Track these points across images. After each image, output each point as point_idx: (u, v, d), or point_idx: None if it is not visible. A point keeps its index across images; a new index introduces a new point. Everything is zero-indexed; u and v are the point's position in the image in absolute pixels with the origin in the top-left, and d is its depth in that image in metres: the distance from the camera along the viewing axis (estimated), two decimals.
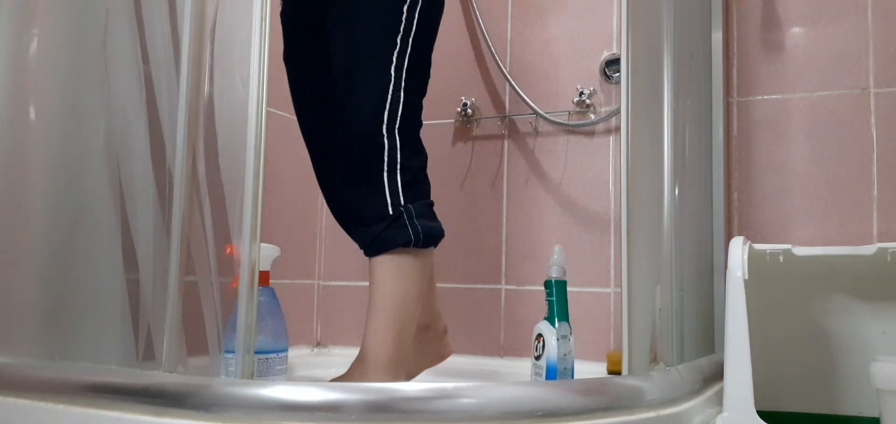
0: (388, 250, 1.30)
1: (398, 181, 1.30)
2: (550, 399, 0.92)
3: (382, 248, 1.30)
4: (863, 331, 1.43)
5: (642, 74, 1.16)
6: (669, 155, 1.27)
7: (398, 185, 1.30)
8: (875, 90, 1.66)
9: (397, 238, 1.29)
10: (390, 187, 1.30)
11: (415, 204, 1.31)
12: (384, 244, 1.30)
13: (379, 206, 1.29)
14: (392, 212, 1.29)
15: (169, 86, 1.10)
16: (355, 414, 0.86)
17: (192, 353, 1.07)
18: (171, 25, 1.12)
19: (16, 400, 0.98)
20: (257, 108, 0.99)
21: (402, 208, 1.29)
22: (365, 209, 1.32)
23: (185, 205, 1.04)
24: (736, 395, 1.15)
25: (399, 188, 1.30)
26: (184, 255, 1.04)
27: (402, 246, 1.29)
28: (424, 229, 1.30)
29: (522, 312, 1.86)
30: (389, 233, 1.29)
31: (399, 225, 1.29)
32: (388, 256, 1.30)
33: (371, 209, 1.30)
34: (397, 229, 1.29)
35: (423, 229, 1.30)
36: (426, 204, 1.33)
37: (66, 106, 1.21)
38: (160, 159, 1.13)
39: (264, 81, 1.00)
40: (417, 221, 1.30)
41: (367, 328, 1.31)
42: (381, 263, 1.31)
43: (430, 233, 1.31)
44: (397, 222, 1.29)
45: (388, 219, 1.29)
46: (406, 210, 1.30)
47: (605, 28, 1.87)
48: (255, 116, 0.99)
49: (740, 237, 1.28)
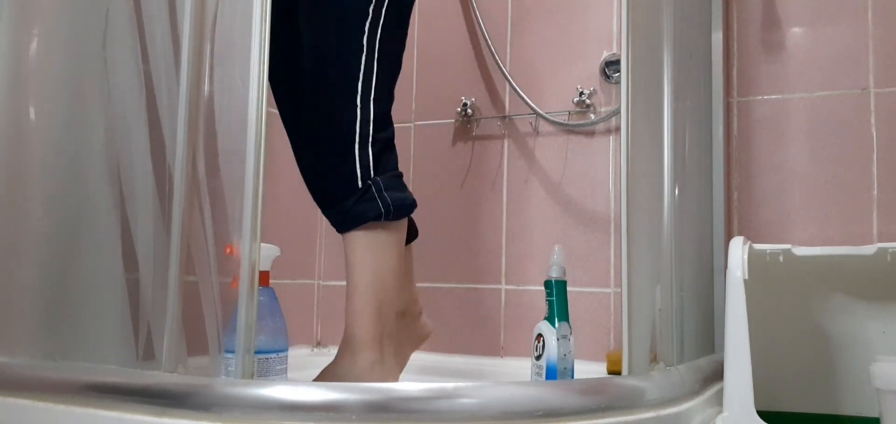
0: (358, 225, 1.28)
1: (369, 154, 1.28)
2: (550, 398, 0.92)
3: (353, 223, 1.28)
4: (863, 331, 1.43)
5: (642, 74, 1.16)
6: (669, 155, 1.27)
7: (369, 157, 1.28)
8: (875, 90, 1.66)
9: (368, 212, 1.27)
10: (361, 159, 1.28)
11: (383, 176, 1.29)
12: (354, 219, 1.28)
13: (349, 180, 1.28)
14: (361, 186, 1.27)
15: (169, 85, 1.10)
16: (355, 414, 0.86)
17: (192, 353, 1.07)
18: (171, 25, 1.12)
19: (16, 400, 0.98)
20: (257, 107, 0.99)
21: (370, 182, 1.27)
22: (334, 184, 1.30)
23: (185, 205, 1.04)
24: (736, 395, 1.15)
25: (369, 161, 1.28)
26: (184, 255, 1.04)
27: (374, 220, 1.27)
28: (395, 201, 1.28)
29: (522, 312, 1.86)
30: (360, 207, 1.27)
31: (368, 198, 1.27)
32: (360, 232, 1.28)
33: (341, 184, 1.28)
34: (367, 202, 1.27)
35: (394, 201, 1.28)
36: (394, 175, 1.31)
37: (66, 106, 1.21)
38: (160, 159, 1.13)
39: (264, 81, 1.00)
40: (386, 193, 1.28)
41: (347, 309, 1.30)
42: (353, 239, 1.29)
43: (402, 204, 1.29)
44: (366, 195, 1.27)
45: (357, 193, 1.27)
46: (375, 183, 1.28)
47: (605, 28, 1.87)
48: (255, 115, 0.99)
49: (740, 237, 1.28)
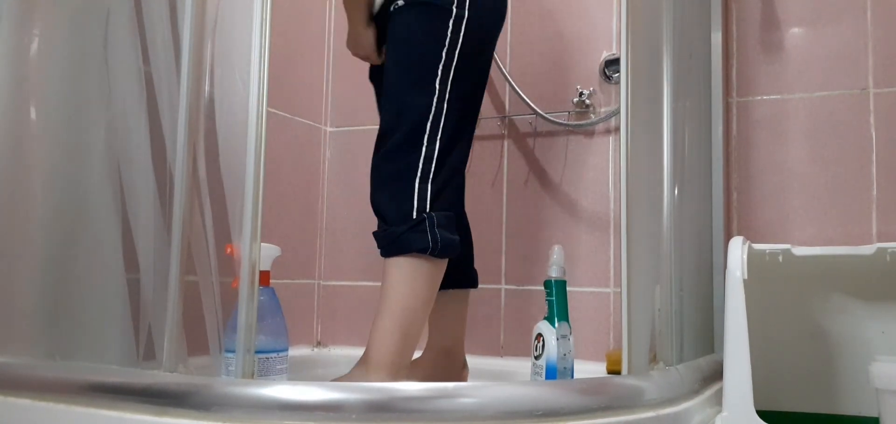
0: (405, 252, 1.31)
1: (428, 189, 1.32)
2: (550, 398, 0.92)
3: (400, 249, 1.31)
4: (862, 331, 1.43)
5: (642, 74, 1.16)
6: (669, 155, 1.27)
7: (427, 192, 1.32)
8: (874, 90, 1.66)
9: (416, 242, 1.30)
10: (420, 192, 1.32)
11: (438, 214, 1.32)
12: (402, 246, 1.31)
13: (405, 208, 1.31)
14: (415, 216, 1.31)
15: (169, 86, 1.11)
16: (355, 414, 0.86)
17: (192, 353, 1.07)
18: (172, 26, 1.12)
19: (16, 400, 0.98)
20: (258, 108, 1.00)
21: (425, 215, 1.31)
22: (390, 209, 1.33)
23: (186, 205, 1.04)
24: (735, 395, 1.15)
25: (427, 195, 1.32)
26: (184, 255, 1.04)
27: (419, 251, 1.30)
28: (444, 240, 1.31)
29: (522, 312, 1.86)
30: (409, 236, 1.31)
31: (420, 230, 1.30)
32: (403, 258, 1.31)
33: (396, 210, 1.32)
34: (418, 233, 1.30)
35: (443, 239, 1.31)
36: (447, 216, 1.35)
37: (66, 106, 1.21)
38: (161, 159, 1.14)
39: (265, 81, 1.00)
40: (438, 230, 1.31)
41: (373, 327, 1.32)
42: (395, 265, 1.32)
43: (448, 244, 1.32)
44: (419, 226, 1.30)
45: (411, 223, 1.30)
46: (429, 217, 1.31)
47: (605, 28, 1.87)
48: (255, 116, 0.99)
49: (740, 237, 1.28)
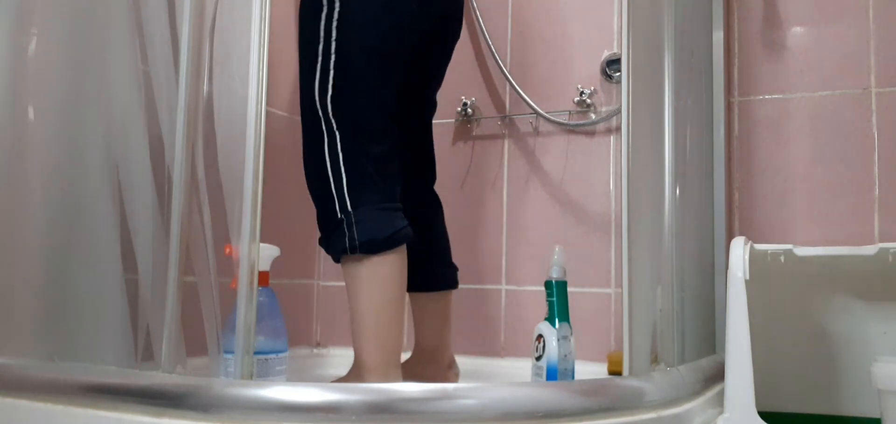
0: (335, 258, 1.30)
1: (344, 188, 1.28)
2: (551, 399, 0.92)
3: (331, 253, 1.30)
4: (864, 331, 1.43)
5: (643, 73, 1.15)
6: (670, 155, 1.27)
7: (344, 191, 1.28)
8: (876, 90, 1.65)
9: (337, 243, 1.27)
10: (337, 192, 1.28)
11: (359, 210, 1.27)
12: (331, 250, 1.30)
13: (328, 211, 1.29)
14: (337, 217, 1.28)
15: (168, 86, 1.10)
16: (355, 415, 0.86)
17: (191, 354, 1.07)
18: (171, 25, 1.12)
19: (16, 400, 0.98)
20: (257, 108, 0.99)
21: (342, 215, 1.27)
22: (320, 216, 1.33)
23: (185, 205, 1.04)
24: (737, 395, 1.15)
25: (345, 194, 1.28)
26: (183, 255, 1.03)
27: (341, 253, 1.28)
28: (367, 235, 1.25)
29: (522, 312, 1.86)
30: (332, 239, 1.29)
31: (339, 232, 1.27)
32: (346, 260, 1.29)
33: (322, 215, 1.31)
34: (338, 235, 1.27)
35: (365, 235, 1.25)
36: (379, 209, 1.29)
37: (65, 106, 1.20)
38: (159, 159, 1.13)
39: (264, 81, 1.00)
40: (356, 227, 1.26)
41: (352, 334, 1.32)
42: (343, 268, 1.30)
43: (374, 240, 1.26)
44: (338, 229, 1.28)
45: (332, 225, 1.28)
46: (347, 216, 1.27)
47: (606, 28, 1.86)
48: (254, 116, 0.99)
49: (741, 237, 1.27)
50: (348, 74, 1.32)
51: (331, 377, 1.40)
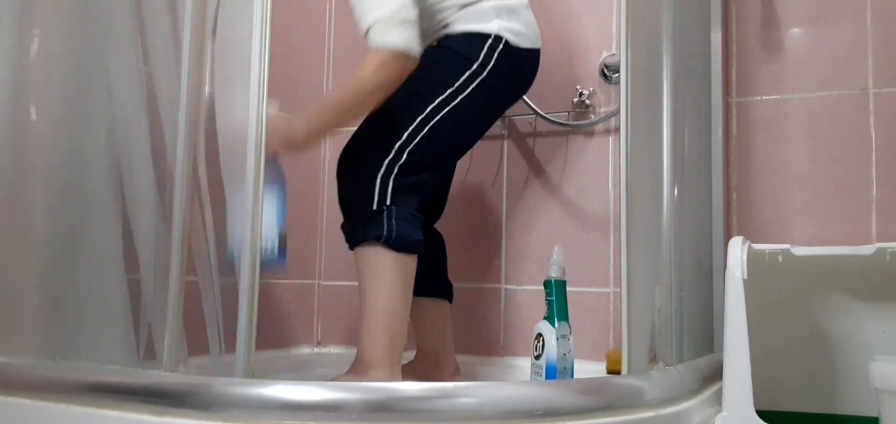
0: (363, 241, 1.34)
1: (389, 185, 1.35)
2: (550, 398, 0.92)
3: (359, 239, 1.34)
4: (862, 331, 1.43)
5: (641, 74, 1.16)
6: (669, 155, 1.27)
7: (388, 188, 1.35)
8: (874, 91, 1.66)
9: (372, 230, 1.33)
10: (380, 186, 1.35)
11: (398, 208, 1.34)
12: (361, 235, 1.34)
13: (365, 200, 1.35)
14: (375, 208, 1.34)
15: (169, 86, 1.11)
16: (355, 414, 0.86)
17: (192, 353, 1.07)
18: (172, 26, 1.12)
19: (16, 400, 0.98)
20: (258, 108, 0.99)
21: (384, 207, 1.33)
22: (353, 201, 1.38)
23: (186, 205, 1.04)
24: (735, 395, 1.15)
25: (388, 191, 1.35)
26: (184, 255, 1.04)
27: (375, 239, 1.32)
28: (400, 231, 1.33)
29: (522, 312, 1.86)
30: (367, 225, 1.34)
31: (377, 220, 1.33)
32: (366, 248, 1.34)
33: (358, 202, 1.36)
34: (375, 223, 1.33)
35: (399, 231, 1.33)
36: (410, 213, 1.36)
37: (66, 106, 1.21)
38: (161, 160, 1.14)
39: (265, 82, 1.00)
40: (396, 221, 1.33)
41: (358, 328, 1.35)
42: (360, 256, 1.35)
43: (406, 239, 1.34)
44: (377, 217, 1.33)
45: (369, 213, 1.34)
46: (387, 209, 1.33)
47: (605, 28, 1.87)
48: (255, 116, 0.99)
49: (739, 237, 1.28)
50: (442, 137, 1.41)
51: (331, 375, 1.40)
